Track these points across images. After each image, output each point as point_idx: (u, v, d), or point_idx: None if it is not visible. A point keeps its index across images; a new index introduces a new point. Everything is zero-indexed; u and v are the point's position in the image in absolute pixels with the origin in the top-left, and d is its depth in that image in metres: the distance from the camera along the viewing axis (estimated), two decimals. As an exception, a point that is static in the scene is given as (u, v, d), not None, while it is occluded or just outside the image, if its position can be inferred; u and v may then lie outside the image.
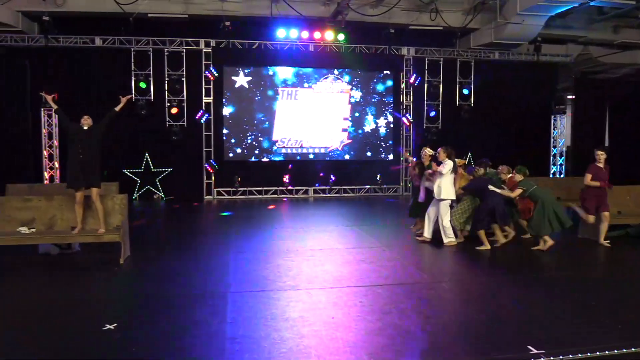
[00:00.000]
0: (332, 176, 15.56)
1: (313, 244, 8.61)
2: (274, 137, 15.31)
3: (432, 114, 16.06)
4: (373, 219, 11.53)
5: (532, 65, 16.15)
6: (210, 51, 14.67)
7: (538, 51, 15.69)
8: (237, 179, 14.99)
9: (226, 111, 14.96)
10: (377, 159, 15.98)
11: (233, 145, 15.09)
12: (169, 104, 14.55)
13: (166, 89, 14.52)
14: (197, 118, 14.65)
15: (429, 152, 8.95)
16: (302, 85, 15.37)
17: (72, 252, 7.99)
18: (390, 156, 16.03)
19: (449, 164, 8.19)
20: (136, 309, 5.36)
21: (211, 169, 14.86)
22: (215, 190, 15.11)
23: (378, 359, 4.05)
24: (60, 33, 13.61)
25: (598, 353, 4.15)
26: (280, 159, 15.41)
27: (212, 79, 14.65)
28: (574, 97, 17.56)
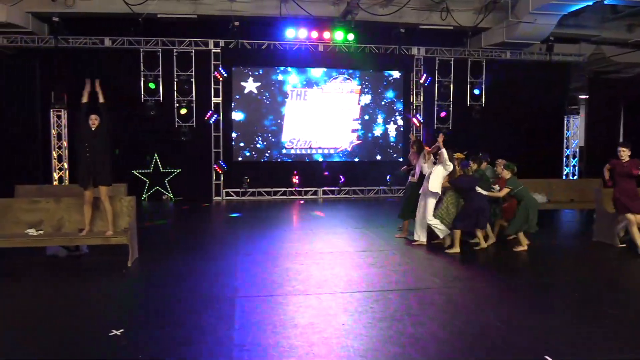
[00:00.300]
0: (341, 177, 15.44)
1: (322, 246, 8.50)
2: (283, 138, 15.22)
3: (443, 114, 15.89)
4: (382, 221, 11.37)
5: (544, 65, 15.92)
6: (219, 51, 14.62)
7: (550, 51, 15.46)
8: (246, 179, 14.94)
9: (235, 116, 14.89)
10: (386, 160, 15.83)
11: (242, 149, 15.03)
12: (178, 104, 14.53)
13: (175, 89, 14.50)
14: (206, 119, 14.61)
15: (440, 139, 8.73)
16: (312, 85, 15.27)
17: (80, 254, 7.94)
18: (401, 158, 15.89)
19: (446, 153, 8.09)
20: (143, 313, 5.28)
21: (220, 169, 14.81)
22: (224, 191, 15.06)
23: (390, 368, 3.95)
24: (69, 34, 13.64)
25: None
26: (289, 160, 15.32)
27: (221, 79, 14.59)
28: (587, 97, 17.31)
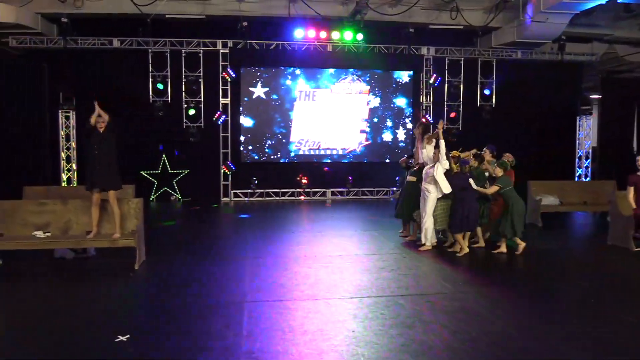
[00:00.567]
0: (349, 178, 15.33)
1: (331, 249, 8.39)
2: (292, 139, 15.14)
3: (453, 114, 15.73)
4: (391, 223, 11.24)
5: (555, 65, 15.71)
6: (228, 52, 14.56)
7: (562, 50, 15.24)
8: (254, 180, 14.88)
9: (244, 121, 14.84)
10: (396, 162, 15.67)
11: (251, 152, 14.99)
12: (186, 105, 14.49)
13: (183, 90, 14.46)
14: (214, 119, 14.56)
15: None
16: (320, 86, 15.17)
17: (88, 256, 7.90)
18: (411, 160, 15.73)
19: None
20: (149, 319, 5.20)
21: (228, 170, 14.75)
22: (232, 191, 15.00)
23: (402, 378, 3.83)
24: (78, 35, 13.63)
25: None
26: (297, 161, 15.24)
27: (230, 79, 14.54)
28: (600, 97, 17.06)
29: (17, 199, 8.88)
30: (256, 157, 14.99)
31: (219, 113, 14.55)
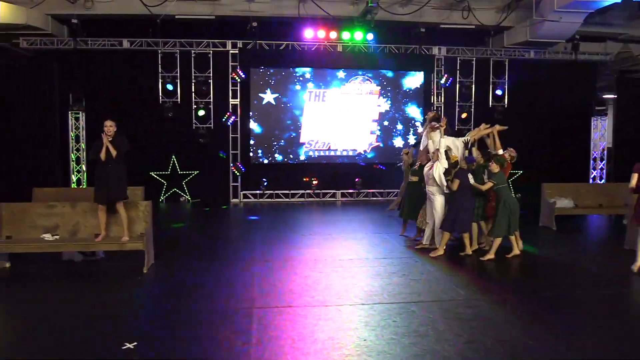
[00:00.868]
0: (357, 179, 15.21)
1: (342, 252, 8.28)
2: (302, 139, 15.03)
3: (464, 115, 15.53)
4: (401, 226, 11.13)
5: (569, 65, 15.44)
6: (237, 52, 14.49)
7: (576, 50, 14.99)
8: (264, 181, 14.80)
9: (253, 126, 14.77)
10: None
11: (260, 156, 14.92)
12: (195, 106, 14.43)
13: (193, 90, 14.40)
14: (224, 120, 14.50)
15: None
16: (330, 86, 15.06)
17: (96, 259, 7.85)
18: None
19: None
20: (157, 326, 5.12)
21: (238, 171, 14.69)
22: (241, 193, 14.93)
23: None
24: (88, 36, 13.62)
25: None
26: (307, 161, 15.13)
27: (239, 79, 14.46)
28: (615, 97, 16.76)
29: (27, 200, 8.89)
30: (265, 161, 14.93)
31: (229, 113, 14.49)
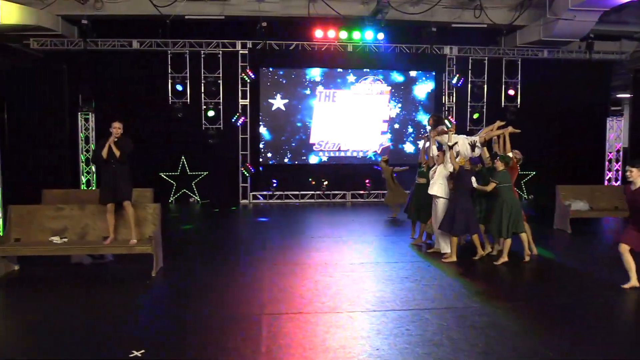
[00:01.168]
0: (367, 181, 15.07)
1: (352, 256, 8.15)
2: (312, 140, 14.93)
3: (476, 115, 15.33)
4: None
5: (583, 64, 15.18)
6: (247, 53, 14.41)
7: (590, 49, 14.72)
8: (273, 183, 14.73)
9: (262, 130, 14.72)
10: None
11: (269, 159, 14.85)
12: (205, 106, 14.38)
13: (202, 91, 14.35)
14: (233, 120, 14.42)
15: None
16: (340, 86, 14.93)
17: (105, 262, 7.81)
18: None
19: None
20: (165, 332, 5.02)
21: (247, 172, 14.61)
22: (251, 194, 14.86)
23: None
24: (98, 36, 13.60)
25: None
26: (317, 162, 15.02)
27: (249, 80, 14.38)
28: (631, 96, 16.46)
29: (37, 201, 8.85)
30: (275, 162, 14.86)
31: (238, 113, 14.41)
